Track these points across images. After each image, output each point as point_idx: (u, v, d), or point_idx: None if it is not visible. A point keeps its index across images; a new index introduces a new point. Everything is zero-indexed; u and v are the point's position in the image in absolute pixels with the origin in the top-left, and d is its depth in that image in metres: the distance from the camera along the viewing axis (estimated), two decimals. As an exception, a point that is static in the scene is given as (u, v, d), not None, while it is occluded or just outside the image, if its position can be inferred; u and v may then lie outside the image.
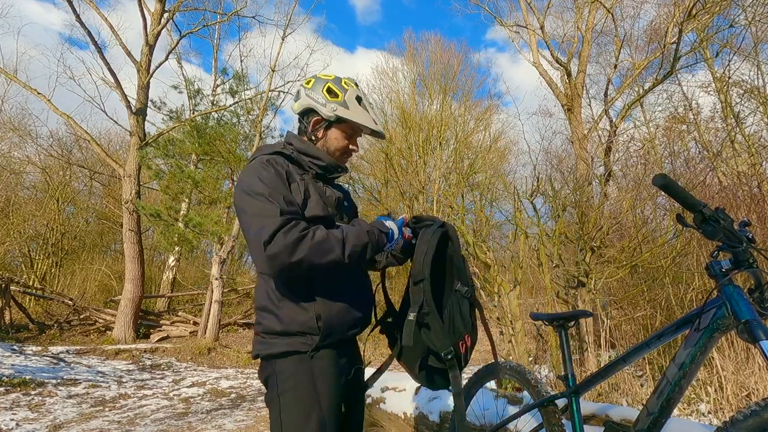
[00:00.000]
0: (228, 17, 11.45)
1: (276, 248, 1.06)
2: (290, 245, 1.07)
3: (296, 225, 1.11)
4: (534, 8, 11.20)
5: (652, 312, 4.51)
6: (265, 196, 1.13)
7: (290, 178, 1.22)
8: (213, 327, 8.91)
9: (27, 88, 9.39)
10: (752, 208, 4.27)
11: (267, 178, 1.17)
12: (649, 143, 9.63)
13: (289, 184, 1.21)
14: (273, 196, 1.13)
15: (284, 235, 1.07)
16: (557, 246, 5.21)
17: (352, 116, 1.34)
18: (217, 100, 12.52)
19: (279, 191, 1.15)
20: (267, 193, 1.13)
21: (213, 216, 10.04)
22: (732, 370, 2.82)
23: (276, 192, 1.15)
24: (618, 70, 11.13)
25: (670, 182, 1.11)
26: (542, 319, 1.85)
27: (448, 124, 16.64)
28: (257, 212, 1.11)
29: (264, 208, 1.11)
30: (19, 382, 5.11)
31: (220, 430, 3.85)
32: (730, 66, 10.42)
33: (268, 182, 1.16)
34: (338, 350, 1.24)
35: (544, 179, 6.01)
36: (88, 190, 16.25)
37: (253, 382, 6.54)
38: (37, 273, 12.45)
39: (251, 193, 1.15)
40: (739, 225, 1.11)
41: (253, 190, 1.15)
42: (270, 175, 1.18)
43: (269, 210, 1.11)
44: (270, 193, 1.14)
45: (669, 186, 1.11)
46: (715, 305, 1.12)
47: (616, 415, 2.09)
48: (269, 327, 1.20)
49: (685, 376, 1.17)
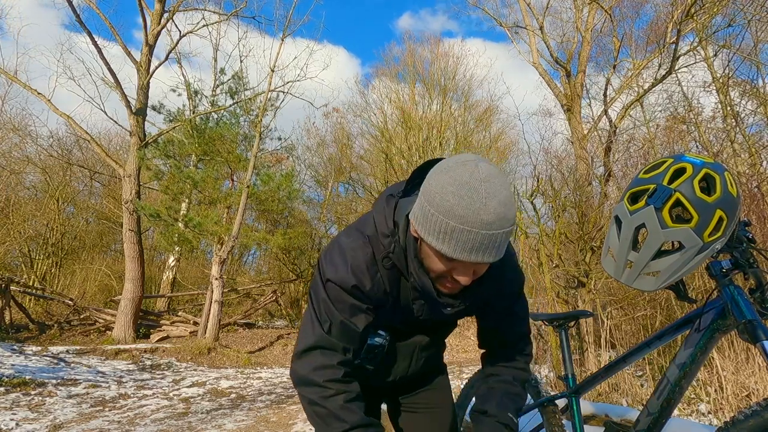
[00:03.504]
0: (227, 17, 11.44)
1: (297, 372, 1.03)
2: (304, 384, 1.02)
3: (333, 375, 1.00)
4: (533, 9, 11.21)
5: (652, 312, 4.51)
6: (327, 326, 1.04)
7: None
8: (213, 327, 8.91)
9: (27, 89, 9.39)
10: (752, 208, 4.27)
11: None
12: (649, 143, 9.63)
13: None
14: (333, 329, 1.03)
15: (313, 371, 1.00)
16: (557, 246, 5.21)
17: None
18: (216, 100, 12.52)
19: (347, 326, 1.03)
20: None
21: (213, 216, 10.04)
22: (732, 370, 2.82)
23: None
24: (617, 70, 11.14)
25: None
26: (542, 319, 1.85)
27: (448, 124, 16.64)
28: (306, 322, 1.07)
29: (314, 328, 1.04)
30: (19, 382, 5.11)
31: (220, 430, 3.85)
32: (730, 66, 10.43)
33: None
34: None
35: (544, 179, 6.02)
36: (88, 190, 16.26)
37: (254, 382, 6.54)
38: (37, 273, 12.45)
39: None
40: (739, 225, 1.11)
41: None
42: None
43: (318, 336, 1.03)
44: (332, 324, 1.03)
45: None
46: (715, 305, 1.12)
47: (616, 415, 2.09)
48: None
49: (686, 377, 1.17)
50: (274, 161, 13.59)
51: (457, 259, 0.85)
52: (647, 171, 1.09)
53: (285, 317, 13.83)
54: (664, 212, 1.01)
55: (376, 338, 1.14)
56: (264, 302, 12.87)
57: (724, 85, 10.18)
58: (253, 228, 14.44)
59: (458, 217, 0.81)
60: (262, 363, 8.63)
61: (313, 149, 18.61)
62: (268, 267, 17.53)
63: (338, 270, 1.00)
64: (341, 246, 1.04)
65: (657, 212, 1.02)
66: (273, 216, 14.43)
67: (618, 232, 1.12)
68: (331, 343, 1.01)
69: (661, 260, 1.06)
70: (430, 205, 0.85)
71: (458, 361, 9.54)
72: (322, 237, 16.70)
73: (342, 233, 1.09)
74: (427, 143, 16.24)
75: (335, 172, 17.33)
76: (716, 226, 1.00)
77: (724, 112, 10.06)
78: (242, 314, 12.34)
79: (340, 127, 18.64)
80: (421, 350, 1.23)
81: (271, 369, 8.02)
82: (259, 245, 14.74)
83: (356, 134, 18.62)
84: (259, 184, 10.98)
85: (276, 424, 4.13)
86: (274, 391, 5.84)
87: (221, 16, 11.57)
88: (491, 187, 0.82)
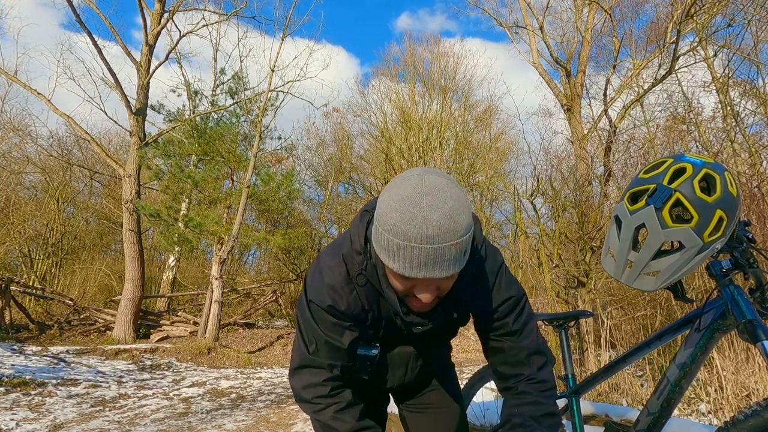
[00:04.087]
0: (227, 17, 11.44)
1: (293, 388, 1.10)
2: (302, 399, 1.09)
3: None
4: (533, 9, 11.21)
5: (652, 312, 4.51)
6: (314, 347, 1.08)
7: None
8: (213, 327, 8.91)
9: (27, 89, 9.39)
10: (752, 208, 4.26)
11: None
12: (649, 143, 9.63)
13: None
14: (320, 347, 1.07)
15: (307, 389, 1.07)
16: (557, 246, 5.21)
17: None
18: (216, 100, 12.52)
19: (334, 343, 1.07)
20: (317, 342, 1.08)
21: (213, 216, 10.04)
22: (732, 370, 2.82)
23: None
24: (617, 70, 11.14)
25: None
26: (542, 319, 1.85)
27: (448, 124, 16.64)
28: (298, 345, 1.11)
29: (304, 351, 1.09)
30: (19, 382, 5.11)
31: (220, 430, 3.85)
32: (730, 66, 10.43)
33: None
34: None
35: (544, 179, 6.02)
36: (88, 190, 16.26)
37: (254, 382, 6.54)
38: (37, 273, 12.45)
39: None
40: (739, 225, 1.11)
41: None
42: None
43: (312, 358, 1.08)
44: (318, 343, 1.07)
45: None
46: (715, 305, 1.12)
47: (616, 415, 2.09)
48: None
49: (686, 377, 1.17)
50: (274, 161, 13.59)
51: (409, 276, 0.83)
52: (647, 171, 1.09)
53: (285, 317, 13.83)
54: (664, 212, 1.01)
55: (368, 350, 1.13)
56: (264, 302, 12.87)
57: (724, 85, 10.18)
58: (253, 228, 14.44)
59: (401, 233, 0.79)
60: (262, 363, 8.63)
61: (313, 149, 18.63)
62: (268, 267, 17.53)
63: (316, 290, 1.03)
64: (320, 265, 1.06)
65: (657, 212, 1.02)
66: (273, 216, 14.43)
67: (618, 232, 1.12)
68: (316, 362, 1.05)
69: (662, 260, 1.06)
70: (378, 224, 0.85)
71: (458, 361, 9.54)
72: (322, 237, 16.71)
73: (324, 251, 1.11)
74: (427, 143, 16.24)
75: (335, 172, 17.34)
76: (716, 226, 1.00)
77: (724, 112, 10.06)
78: (242, 314, 12.33)
79: (340, 127, 18.66)
80: (416, 359, 1.22)
81: (271, 369, 8.02)
82: (259, 245, 14.72)
83: (356, 134, 18.64)
84: (259, 184, 10.98)
85: (276, 424, 4.13)
86: (274, 391, 5.84)
87: (221, 16, 11.58)
88: (434, 200, 0.79)
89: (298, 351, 1.08)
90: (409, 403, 1.36)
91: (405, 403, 1.37)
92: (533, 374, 1.09)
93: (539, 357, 1.10)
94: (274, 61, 10.30)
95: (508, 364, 1.11)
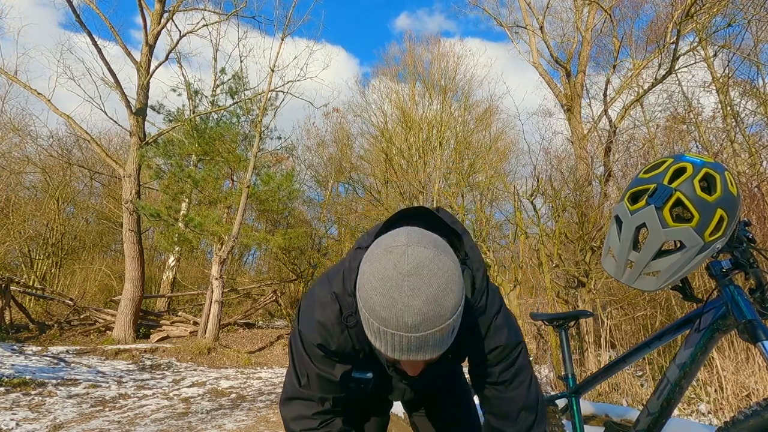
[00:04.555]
0: (227, 17, 11.45)
1: (284, 416, 1.09)
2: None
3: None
4: (533, 9, 11.21)
5: (652, 312, 4.51)
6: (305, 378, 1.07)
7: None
8: (213, 327, 8.91)
9: (27, 89, 9.39)
10: (752, 208, 4.26)
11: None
12: (649, 143, 9.63)
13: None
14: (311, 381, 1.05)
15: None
16: (557, 246, 5.21)
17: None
18: (216, 100, 12.52)
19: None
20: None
21: (213, 216, 10.04)
22: (732, 370, 2.82)
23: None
24: (617, 70, 11.14)
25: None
26: (542, 319, 1.85)
27: (448, 124, 16.64)
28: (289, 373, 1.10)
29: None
30: (19, 382, 5.11)
31: (220, 430, 3.85)
32: (730, 66, 10.43)
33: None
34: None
35: (544, 179, 6.02)
36: (88, 190, 16.25)
37: (254, 382, 6.54)
38: (37, 273, 12.45)
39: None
40: (739, 225, 1.11)
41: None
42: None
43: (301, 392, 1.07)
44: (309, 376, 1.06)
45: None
46: (715, 305, 1.12)
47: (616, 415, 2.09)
48: None
49: (686, 377, 1.17)
50: (274, 161, 13.59)
51: (392, 357, 0.78)
52: (647, 171, 1.09)
53: (285, 317, 13.83)
54: (664, 212, 1.01)
55: (363, 374, 1.07)
56: (264, 302, 12.87)
57: (724, 85, 10.18)
58: (253, 228, 14.44)
59: (381, 319, 0.74)
60: (262, 363, 8.63)
61: (313, 149, 18.62)
62: (268, 267, 17.54)
63: (307, 325, 1.00)
64: (313, 299, 1.01)
65: (657, 212, 1.01)
66: (273, 216, 14.43)
67: (618, 231, 1.12)
68: (307, 395, 1.04)
69: (662, 260, 1.06)
70: (360, 298, 0.79)
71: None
72: (322, 237, 16.71)
73: (318, 282, 1.06)
74: (427, 143, 16.24)
75: (335, 172, 17.33)
76: (717, 226, 1.00)
77: (724, 112, 10.06)
78: (242, 314, 12.33)
79: (340, 127, 18.65)
80: (414, 380, 1.13)
81: (271, 369, 8.03)
82: (259, 245, 14.74)
83: (356, 134, 18.64)
84: (259, 184, 10.99)
85: (276, 424, 4.13)
86: (274, 391, 5.84)
87: (221, 16, 11.58)
88: (417, 281, 0.72)
89: (290, 382, 1.07)
90: (417, 413, 1.36)
91: (413, 412, 1.37)
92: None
93: (528, 414, 1.02)
94: (274, 61, 10.31)
95: (493, 415, 1.05)
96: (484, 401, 1.07)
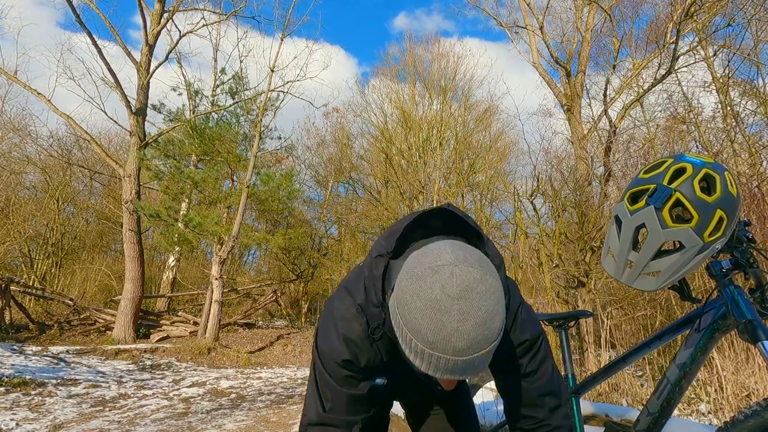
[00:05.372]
0: (227, 17, 11.45)
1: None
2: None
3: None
4: (533, 9, 11.21)
5: (652, 312, 4.51)
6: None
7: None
8: (213, 327, 8.91)
9: (27, 89, 9.39)
10: (752, 208, 4.26)
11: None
12: (649, 143, 9.63)
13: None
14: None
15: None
16: (557, 246, 5.21)
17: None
18: (216, 100, 12.52)
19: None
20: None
21: (213, 216, 10.05)
22: (732, 370, 2.82)
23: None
24: (617, 70, 11.14)
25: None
26: (542, 319, 1.84)
27: (448, 124, 16.65)
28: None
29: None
30: (19, 382, 5.11)
31: (220, 430, 3.85)
32: (730, 66, 10.43)
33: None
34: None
35: (544, 179, 6.02)
36: (88, 190, 16.26)
37: (254, 382, 6.54)
38: (37, 273, 12.45)
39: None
40: (739, 225, 1.11)
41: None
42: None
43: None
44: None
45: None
46: (715, 305, 1.12)
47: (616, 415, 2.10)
48: None
49: (686, 377, 1.17)
50: (274, 161, 13.59)
51: (434, 376, 0.77)
52: (647, 171, 1.09)
53: (285, 317, 13.84)
54: (664, 212, 1.01)
55: (377, 381, 1.06)
56: (264, 302, 12.87)
57: (724, 85, 10.18)
58: (253, 228, 14.45)
59: (428, 342, 0.72)
60: (262, 363, 8.63)
61: (313, 149, 18.62)
62: (268, 267, 17.54)
63: (332, 342, 0.95)
64: (333, 314, 0.98)
65: (657, 212, 1.02)
66: (273, 216, 14.44)
67: (618, 232, 1.12)
68: (334, 420, 0.98)
69: (662, 260, 1.06)
70: (401, 317, 0.77)
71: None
72: (322, 237, 16.71)
73: (335, 295, 1.02)
74: (427, 143, 16.24)
75: (335, 172, 17.33)
76: (716, 226, 1.00)
77: (724, 112, 10.05)
78: (242, 314, 12.34)
79: (340, 127, 18.66)
80: (425, 388, 1.18)
81: (271, 369, 8.03)
82: (259, 245, 14.75)
83: (356, 134, 18.64)
84: (259, 184, 10.99)
85: (276, 424, 4.13)
86: (274, 391, 5.84)
87: (221, 16, 11.58)
88: (467, 305, 0.71)
89: (312, 406, 1.00)
90: (417, 413, 1.36)
91: (413, 412, 1.37)
92: (546, 419, 1.04)
93: (552, 399, 1.05)
94: (273, 61, 10.31)
95: (521, 405, 1.06)
96: (508, 392, 1.08)
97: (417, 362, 0.77)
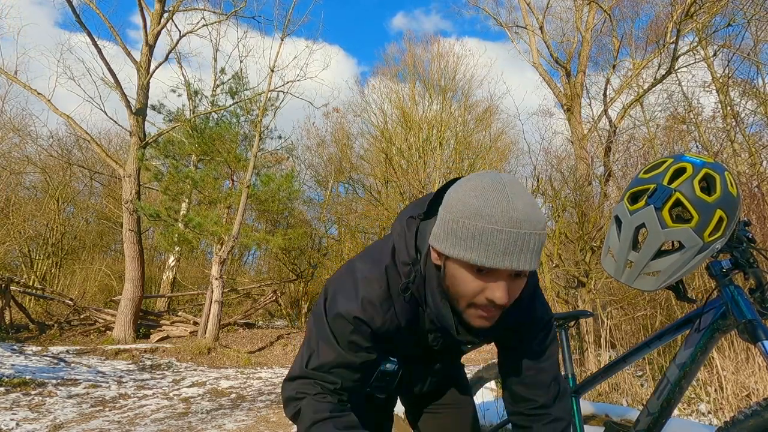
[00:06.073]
0: (227, 17, 11.44)
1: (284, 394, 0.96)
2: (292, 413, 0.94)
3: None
4: (533, 8, 11.21)
5: (652, 312, 4.51)
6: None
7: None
8: (213, 327, 8.91)
9: (27, 89, 9.39)
10: (752, 208, 4.26)
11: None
12: (649, 143, 9.63)
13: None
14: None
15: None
16: (557, 246, 5.21)
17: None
18: (216, 100, 12.52)
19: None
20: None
21: (213, 216, 10.05)
22: (732, 370, 2.82)
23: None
24: (617, 70, 11.14)
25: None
26: (542, 319, 1.85)
27: (448, 124, 16.65)
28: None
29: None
30: (19, 382, 5.11)
31: (220, 430, 3.85)
32: (730, 66, 10.43)
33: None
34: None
35: (544, 179, 6.02)
36: (88, 190, 16.26)
37: (254, 382, 6.54)
38: (37, 273, 12.45)
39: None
40: (739, 225, 1.11)
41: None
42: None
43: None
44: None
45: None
46: (715, 305, 1.12)
47: (616, 415, 2.10)
48: None
49: (686, 377, 1.17)
50: (274, 161, 13.60)
51: (489, 267, 0.76)
52: (647, 171, 1.09)
53: (285, 317, 13.84)
54: (664, 212, 1.01)
55: (388, 364, 1.04)
56: (264, 302, 12.88)
57: (724, 85, 10.18)
58: (253, 228, 14.45)
59: (486, 216, 0.75)
60: (262, 363, 8.63)
61: (313, 149, 18.62)
62: (268, 267, 17.54)
63: (348, 301, 0.91)
64: (354, 274, 0.95)
65: (657, 212, 1.02)
66: (273, 216, 14.43)
67: (618, 232, 1.12)
68: (313, 374, 0.93)
69: (662, 260, 1.06)
70: (453, 213, 0.79)
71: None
72: (322, 237, 16.71)
73: (357, 258, 1.00)
74: (427, 143, 16.25)
75: (335, 172, 17.34)
76: (716, 226, 1.00)
77: (724, 112, 10.06)
78: (242, 314, 12.34)
79: (340, 127, 18.66)
80: (434, 374, 1.19)
81: (271, 369, 8.03)
82: (259, 245, 14.73)
83: (356, 134, 18.65)
84: (259, 185, 10.99)
85: (276, 424, 4.13)
86: (274, 391, 5.84)
87: (221, 16, 11.57)
88: (515, 188, 0.78)
89: (299, 361, 0.96)
90: (421, 403, 1.36)
91: (414, 410, 1.36)
92: (548, 405, 1.04)
93: (555, 384, 1.06)
94: (273, 61, 10.31)
95: (524, 385, 1.06)
96: (514, 370, 1.07)
97: (472, 254, 0.76)
